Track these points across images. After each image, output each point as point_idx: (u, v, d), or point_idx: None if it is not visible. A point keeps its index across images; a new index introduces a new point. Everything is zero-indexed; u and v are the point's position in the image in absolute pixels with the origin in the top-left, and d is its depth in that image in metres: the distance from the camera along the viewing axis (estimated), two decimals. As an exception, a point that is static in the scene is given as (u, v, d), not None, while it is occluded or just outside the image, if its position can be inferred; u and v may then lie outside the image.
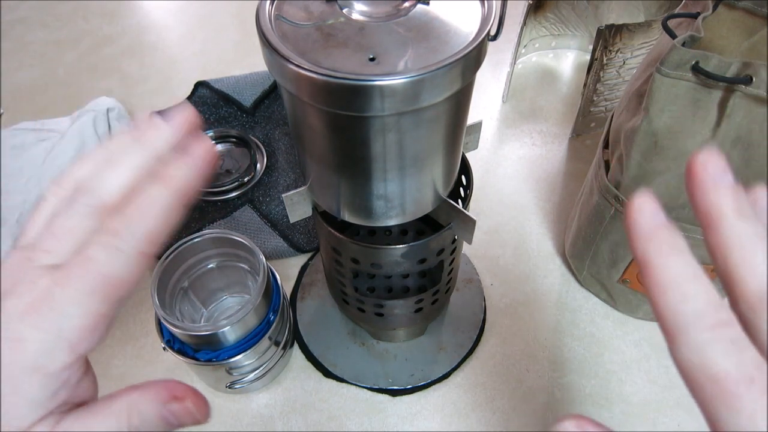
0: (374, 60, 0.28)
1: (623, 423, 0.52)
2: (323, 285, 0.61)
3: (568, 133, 0.77)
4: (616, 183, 0.48)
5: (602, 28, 0.62)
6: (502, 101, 0.82)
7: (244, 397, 0.53)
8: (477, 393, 0.54)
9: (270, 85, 0.77)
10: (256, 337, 0.47)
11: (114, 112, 0.67)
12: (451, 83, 0.29)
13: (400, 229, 0.57)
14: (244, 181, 0.69)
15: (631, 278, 0.53)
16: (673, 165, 0.42)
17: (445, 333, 0.57)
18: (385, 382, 0.54)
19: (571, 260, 0.60)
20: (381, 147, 0.31)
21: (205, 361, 0.46)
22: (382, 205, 0.36)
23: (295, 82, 0.28)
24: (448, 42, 0.29)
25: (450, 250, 0.43)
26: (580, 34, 0.86)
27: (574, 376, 0.55)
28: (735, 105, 0.38)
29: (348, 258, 0.42)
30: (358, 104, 0.28)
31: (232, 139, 0.74)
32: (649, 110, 0.41)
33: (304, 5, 0.30)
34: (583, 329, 0.58)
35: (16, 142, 0.60)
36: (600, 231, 0.52)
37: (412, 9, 0.30)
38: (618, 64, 0.67)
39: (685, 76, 0.39)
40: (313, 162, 0.36)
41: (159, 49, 0.92)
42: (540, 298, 0.60)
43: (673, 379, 0.54)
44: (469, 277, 0.61)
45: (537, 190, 0.71)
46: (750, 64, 0.36)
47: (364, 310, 0.48)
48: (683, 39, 0.39)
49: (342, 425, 0.52)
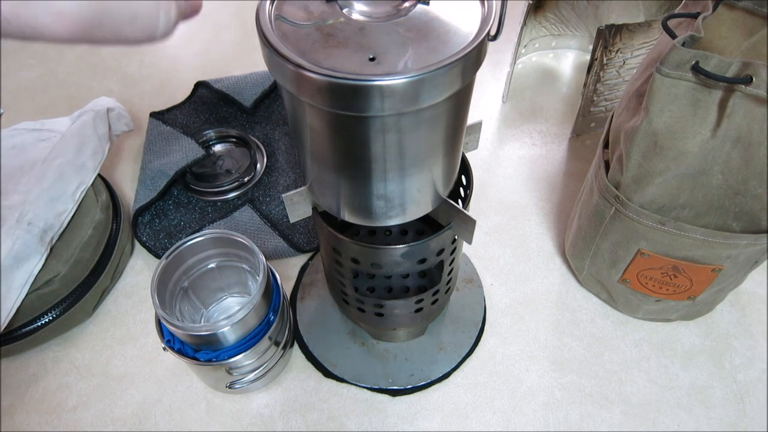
0: (374, 60, 0.28)
1: (623, 423, 0.52)
2: (323, 285, 0.61)
3: (568, 133, 0.77)
4: (616, 183, 0.48)
5: (602, 28, 0.62)
6: (502, 101, 0.82)
7: (244, 397, 0.53)
8: (477, 393, 0.54)
9: (270, 85, 0.77)
10: (256, 337, 0.47)
11: (114, 112, 0.67)
12: (451, 83, 0.29)
13: (400, 229, 0.57)
14: (244, 181, 0.69)
15: (631, 278, 0.53)
16: (673, 165, 0.42)
17: (445, 333, 0.57)
18: (385, 382, 0.54)
19: (571, 260, 0.60)
20: (381, 147, 0.31)
21: (205, 361, 0.46)
22: (382, 205, 0.36)
23: (295, 82, 0.28)
24: (448, 42, 0.29)
25: (450, 250, 0.43)
26: (580, 34, 0.86)
27: (574, 376, 0.55)
28: (735, 105, 0.38)
29: (348, 258, 0.42)
30: (358, 104, 0.28)
31: (232, 139, 0.74)
32: (649, 110, 0.41)
33: (304, 5, 0.30)
34: (583, 329, 0.58)
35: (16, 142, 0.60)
36: (600, 231, 0.52)
37: (412, 9, 0.30)
38: (618, 64, 0.67)
39: (685, 76, 0.39)
40: (313, 162, 0.36)
41: (159, 49, 0.92)
42: (540, 298, 0.60)
43: (673, 379, 0.54)
44: (469, 277, 0.61)
45: (537, 190, 0.71)
46: (750, 64, 0.36)
47: (364, 310, 0.48)
48: (683, 39, 0.39)
49: (342, 425, 0.52)
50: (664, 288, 0.52)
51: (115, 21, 0.21)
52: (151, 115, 0.76)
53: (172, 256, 0.48)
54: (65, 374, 0.55)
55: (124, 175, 0.73)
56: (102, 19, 0.21)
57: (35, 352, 0.57)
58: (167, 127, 0.72)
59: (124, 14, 0.21)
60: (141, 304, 0.61)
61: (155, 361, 0.56)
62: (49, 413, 0.53)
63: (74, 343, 0.58)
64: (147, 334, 0.58)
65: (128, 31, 0.22)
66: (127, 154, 0.75)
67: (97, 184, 0.62)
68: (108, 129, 0.65)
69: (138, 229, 0.65)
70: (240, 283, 0.56)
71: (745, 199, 0.42)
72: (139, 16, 0.22)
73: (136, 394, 0.54)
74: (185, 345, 0.46)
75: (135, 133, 0.75)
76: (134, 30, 0.22)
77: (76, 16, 0.20)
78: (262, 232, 0.64)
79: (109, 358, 0.56)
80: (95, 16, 0.20)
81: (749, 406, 0.53)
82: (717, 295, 0.54)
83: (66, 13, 0.20)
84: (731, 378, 0.54)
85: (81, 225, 0.57)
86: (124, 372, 0.55)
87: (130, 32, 0.22)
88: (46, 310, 0.54)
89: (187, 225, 0.65)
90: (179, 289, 0.50)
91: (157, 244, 0.64)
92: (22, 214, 0.53)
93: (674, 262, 0.48)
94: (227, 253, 0.51)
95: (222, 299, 0.57)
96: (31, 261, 0.52)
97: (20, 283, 0.51)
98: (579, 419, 0.52)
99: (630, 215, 0.47)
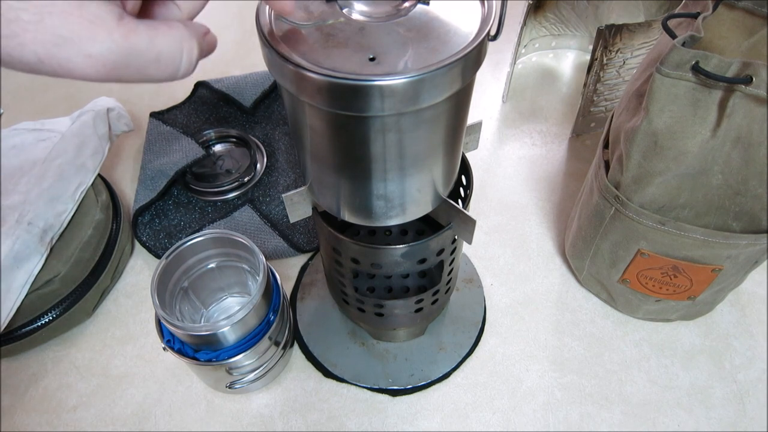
0: (374, 60, 0.28)
1: (623, 423, 0.52)
2: (323, 285, 0.61)
3: (568, 133, 0.77)
4: (616, 183, 0.48)
5: (602, 28, 0.62)
6: (502, 101, 0.82)
7: (244, 397, 0.53)
8: (477, 393, 0.54)
9: (270, 85, 0.77)
10: (256, 337, 0.47)
11: (114, 112, 0.67)
12: (451, 83, 0.29)
13: (400, 229, 0.57)
14: (244, 181, 0.69)
15: (631, 278, 0.53)
16: (673, 165, 0.42)
17: (445, 333, 0.57)
18: (385, 382, 0.54)
19: (571, 260, 0.60)
20: (381, 147, 0.31)
21: (205, 361, 0.46)
22: (382, 205, 0.36)
23: (295, 82, 0.28)
24: (448, 42, 0.29)
25: (450, 250, 0.43)
26: (580, 34, 0.86)
27: (574, 376, 0.55)
28: (735, 105, 0.38)
29: (348, 258, 0.42)
30: (358, 104, 0.28)
31: (232, 139, 0.74)
32: (649, 110, 0.41)
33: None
34: (583, 329, 0.58)
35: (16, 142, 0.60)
36: (600, 231, 0.52)
37: (412, 9, 0.30)
38: (618, 64, 0.67)
39: (685, 76, 0.39)
40: (313, 162, 0.36)
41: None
42: (540, 298, 0.60)
43: (673, 379, 0.54)
44: (469, 277, 0.61)
45: (537, 190, 0.71)
46: (750, 64, 0.36)
47: (364, 310, 0.48)
48: (683, 39, 0.39)
49: (342, 425, 0.52)
50: (664, 288, 0.52)
51: (141, 62, 0.22)
52: (151, 115, 0.76)
53: (172, 256, 0.48)
54: (65, 374, 0.55)
55: (124, 175, 0.73)
56: (129, 61, 0.22)
57: (35, 352, 0.57)
58: (167, 127, 0.72)
59: (149, 56, 0.22)
60: (141, 304, 0.61)
61: (155, 361, 0.56)
62: (49, 413, 0.53)
63: (74, 343, 0.58)
64: (147, 334, 0.58)
65: (153, 70, 0.23)
66: (127, 154, 0.75)
67: (97, 184, 0.62)
68: (108, 129, 0.65)
69: (138, 229, 0.65)
70: (240, 283, 0.56)
71: (745, 199, 0.42)
72: (163, 58, 0.23)
73: (136, 394, 0.54)
74: (185, 345, 0.46)
75: (135, 133, 0.75)
76: (159, 69, 0.23)
77: (106, 58, 0.21)
78: (262, 232, 0.64)
79: (109, 358, 0.56)
80: (123, 58, 0.22)
81: (749, 406, 0.53)
82: (717, 295, 0.54)
83: (96, 56, 0.21)
84: (731, 378, 0.54)
85: (81, 225, 0.57)
86: (124, 372, 0.55)
87: (154, 72, 0.23)
88: (46, 310, 0.54)
89: (187, 225, 0.65)
90: (179, 289, 0.50)
91: (157, 244, 0.64)
92: (22, 214, 0.53)
93: (674, 262, 0.48)
94: (227, 253, 0.51)
95: (222, 299, 0.57)
96: (31, 261, 0.52)
97: (20, 283, 0.51)
98: (579, 419, 0.52)
99: (630, 215, 0.47)
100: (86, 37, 0.20)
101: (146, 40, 0.22)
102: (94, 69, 0.21)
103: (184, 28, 0.24)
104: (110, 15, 0.21)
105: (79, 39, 0.20)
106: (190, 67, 0.24)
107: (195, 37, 0.24)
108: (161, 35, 0.23)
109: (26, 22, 0.19)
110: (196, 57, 0.25)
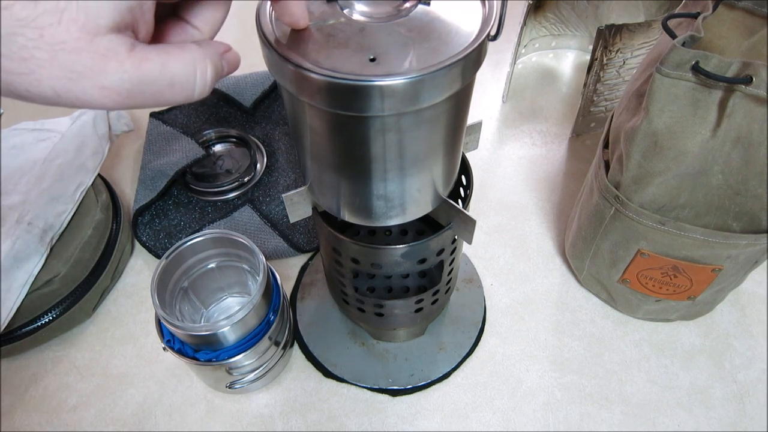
0: (374, 60, 0.28)
1: (623, 423, 0.52)
2: (323, 285, 0.61)
3: (568, 133, 0.77)
4: (616, 183, 0.48)
5: (602, 28, 0.62)
6: (502, 101, 0.82)
7: (244, 397, 0.53)
8: (477, 393, 0.54)
9: (270, 85, 0.77)
10: (256, 337, 0.47)
11: (114, 112, 0.67)
12: (451, 83, 0.29)
13: (400, 229, 0.57)
14: (244, 181, 0.69)
15: (631, 278, 0.53)
16: (673, 165, 0.42)
17: (445, 333, 0.57)
18: (385, 382, 0.54)
19: (571, 260, 0.60)
20: (381, 147, 0.31)
21: (205, 361, 0.46)
22: (382, 205, 0.36)
23: (295, 82, 0.28)
24: (449, 42, 0.29)
25: (450, 250, 0.43)
26: (580, 34, 0.86)
27: (574, 376, 0.55)
28: (735, 105, 0.38)
29: (348, 258, 0.42)
30: (358, 104, 0.28)
31: (232, 139, 0.74)
32: (649, 110, 0.41)
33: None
34: (583, 329, 0.58)
35: (16, 142, 0.60)
36: (600, 231, 0.52)
37: (413, 9, 0.30)
38: (618, 64, 0.67)
39: (685, 76, 0.39)
40: (313, 162, 0.36)
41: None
42: (540, 298, 0.60)
43: (673, 379, 0.54)
44: (469, 277, 0.61)
45: (537, 190, 0.71)
46: (750, 64, 0.36)
47: (364, 310, 0.48)
48: (683, 39, 0.39)
49: (342, 425, 0.52)
50: (664, 288, 0.52)
51: (155, 88, 0.23)
52: (151, 115, 0.76)
53: (172, 256, 0.48)
54: (65, 374, 0.55)
55: (124, 175, 0.73)
56: (143, 88, 0.22)
57: (35, 352, 0.57)
58: (167, 127, 0.72)
59: (162, 81, 0.23)
60: (141, 304, 0.61)
61: (155, 361, 0.56)
62: (49, 413, 0.53)
63: (74, 343, 0.58)
64: (147, 334, 0.58)
65: (168, 95, 0.23)
66: (127, 154, 0.75)
67: (97, 184, 0.62)
68: (108, 129, 0.65)
69: (138, 229, 0.65)
70: (240, 283, 0.56)
71: (745, 199, 0.42)
72: (177, 81, 0.23)
73: (136, 394, 0.54)
74: (185, 345, 0.46)
75: (135, 133, 0.75)
76: (173, 93, 0.24)
77: (120, 88, 0.22)
78: (262, 232, 0.64)
79: (109, 358, 0.56)
80: (137, 86, 0.22)
81: (749, 406, 0.53)
82: (717, 295, 0.54)
83: (110, 87, 0.21)
84: (731, 378, 0.54)
85: (81, 225, 0.57)
86: (124, 372, 0.55)
87: (170, 96, 0.24)
88: (46, 310, 0.54)
89: (187, 225, 0.65)
90: (179, 289, 0.50)
91: (157, 244, 0.64)
92: (22, 214, 0.53)
93: (674, 262, 0.48)
94: (227, 253, 0.51)
95: (222, 299, 0.57)
96: (31, 261, 0.52)
97: (20, 283, 0.51)
98: (579, 419, 0.52)
99: (630, 215, 0.47)
100: (98, 70, 0.21)
101: (158, 66, 0.22)
102: (110, 99, 0.22)
103: (198, 49, 0.24)
104: (122, 46, 0.21)
105: (92, 72, 0.21)
106: (204, 88, 0.25)
107: (209, 57, 0.24)
108: (173, 59, 0.23)
109: (40, 60, 0.20)
110: (211, 77, 0.25)
